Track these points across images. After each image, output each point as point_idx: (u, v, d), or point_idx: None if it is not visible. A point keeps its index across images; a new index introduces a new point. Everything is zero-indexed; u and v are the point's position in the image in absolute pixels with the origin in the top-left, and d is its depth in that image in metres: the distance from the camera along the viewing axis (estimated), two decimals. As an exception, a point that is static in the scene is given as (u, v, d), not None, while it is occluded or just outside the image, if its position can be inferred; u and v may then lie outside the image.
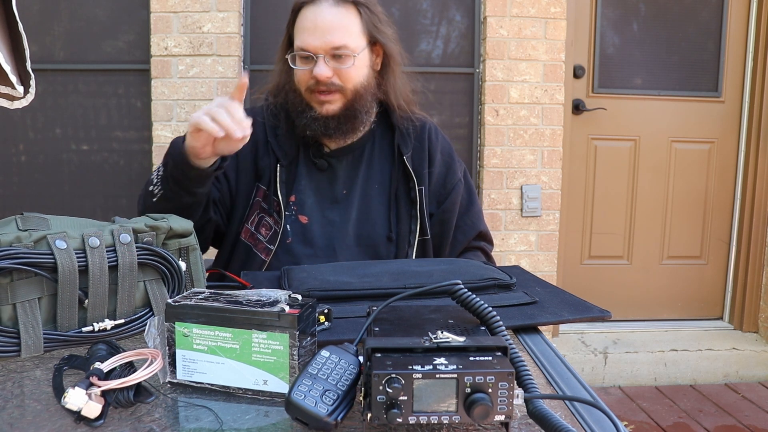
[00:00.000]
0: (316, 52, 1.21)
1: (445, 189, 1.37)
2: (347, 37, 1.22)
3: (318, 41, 1.20)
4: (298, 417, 0.56)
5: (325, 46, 1.20)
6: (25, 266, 0.73)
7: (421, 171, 1.33)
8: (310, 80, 1.23)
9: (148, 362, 0.64)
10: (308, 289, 0.94)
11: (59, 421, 0.59)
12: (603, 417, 0.60)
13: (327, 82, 1.22)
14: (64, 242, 0.76)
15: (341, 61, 1.22)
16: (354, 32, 1.23)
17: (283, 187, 1.28)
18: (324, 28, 1.20)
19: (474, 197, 1.43)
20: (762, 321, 3.00)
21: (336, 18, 1.21)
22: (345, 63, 1.22)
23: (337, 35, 1.20)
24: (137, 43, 2.65)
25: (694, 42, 2.96)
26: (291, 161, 1.30)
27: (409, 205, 1.32)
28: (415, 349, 0.57)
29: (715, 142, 3.04)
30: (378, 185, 1.33)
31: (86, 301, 0.78)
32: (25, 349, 0.74)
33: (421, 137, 1.36)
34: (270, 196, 1.28)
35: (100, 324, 0.79)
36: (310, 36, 1.21)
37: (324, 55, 1.21)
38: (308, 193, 1.30)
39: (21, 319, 0.74)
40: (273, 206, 1.28)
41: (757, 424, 2.40)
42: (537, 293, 1.00)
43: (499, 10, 2.66)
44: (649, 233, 3.07)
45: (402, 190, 1.33)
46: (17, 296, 0.74)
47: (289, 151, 1.30)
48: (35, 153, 2.68)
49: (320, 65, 1.21)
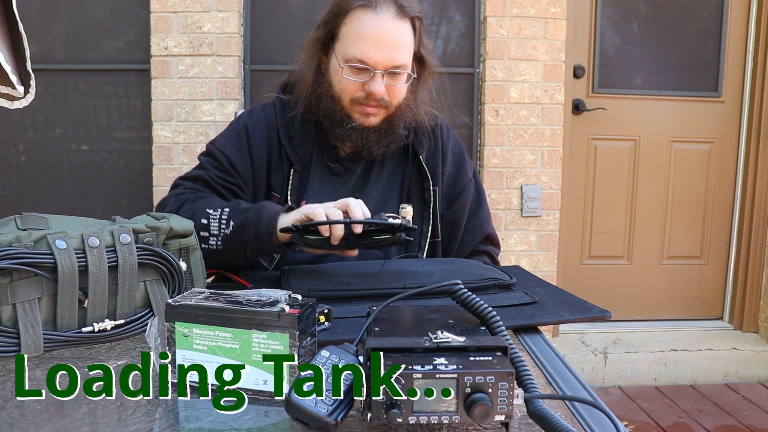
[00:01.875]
0: (376, 67, 1.15)
1: (455, 189, 1.34)
2: (407, 56, 1.18)
3: (381, 56, 1.14)
4: (298, 417, 0.56)
5: (386, 63, 1.15)
6: (25, 266, 0.73)
7: (436, 171, 1.30)
8: (360, 92, 1.17)
9: None
10: (308, 289, 0.94)
11: (59, 421, 0.59)
12: (603, 417, 0.60)
13: (379, 99, 1.17)
14: (64, 242, 0.76)
15: (396, 79, 1.17)
16: (410, 49, 1.19)
17: (294, 193, 1.23)
18: (389, 44, 1.14)
19: (483, 198, 1.39)
20: (762, 321, 3.00)
21: (399, 33, 1.15)
22: (399, 81, 1.18)
23: (401, 53, 1.15)
24: (137, 43, 2.65)
25: (694, 42, 2.96)
26: (304, 166, 1.25)
27: (422, 206, 1.29)
28: (415, 349, 0.57)
29: (715, 142, 3.04)
30: (390, 186, 1.30)
31: (86, 301, 0.78)
32: (24, 349, 0.74)
33: (435, 135, 1.33)
34: (281, 202, 1.23)
35: (100, 324, 0.79)
36: (372, 48, 1.14)
37: (383, 71, 1.15)
38: (320, 198, 1.23)
39: (21, 319, 0.74)
40: None
41: (757, 424, 2.40)
42: (537, 293, 1.00)
43: (499, 10, 2.66)
44: (649, 233, 3.07)
45: (415, 191, 1.30)
46: (17, 296, 0.74)
47: (304, 155, 1.24)
48: (35, 153, 2.68)
49: (377, 81, 1.15)
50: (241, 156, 1.24)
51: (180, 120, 2.58)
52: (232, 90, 2.58)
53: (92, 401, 0.64)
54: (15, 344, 0.74)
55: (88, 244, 0.78)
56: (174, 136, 2.57)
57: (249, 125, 1.27)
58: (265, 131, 1.26)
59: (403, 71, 1.18)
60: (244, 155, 1.25)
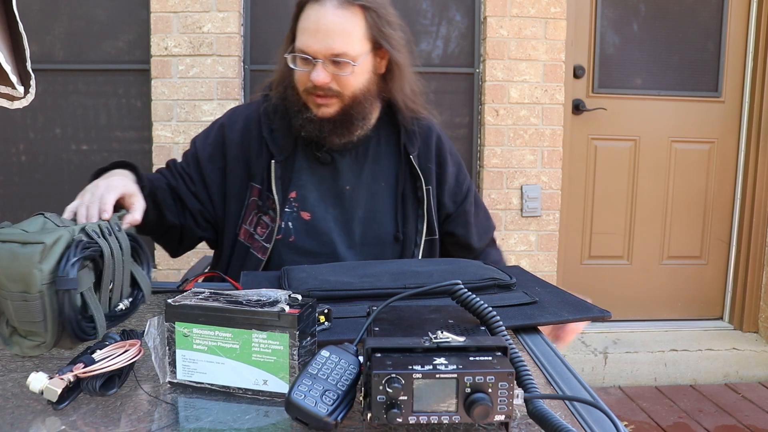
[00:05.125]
0: (315, 56, 1.17)
1: (461, 189, 1.38)
2: (348, 44, 1.18)
3: (318, 45, 1.16)
4: (298, 417, 0.56)
5: (325, 51, 1.16)
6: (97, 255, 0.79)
7: (428, 169, 1.32)
8: (308, 83, 1.20)
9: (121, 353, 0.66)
10: (308, 289, 0.94)
11: (59, 421, 0.59)
12: (603, 417, 0.60)
13: (324, 87, 1.19)
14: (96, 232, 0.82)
15: (340, 68, 1.19)
16: (356, 38, 1.19)
17: (279, 183, 1.25)
18: (326, 32, 1.16)
19: (479, 197, 1.46)
20: (762, 321, 3.00)
21: (339, 22, 1.16)
22: (344, 70, 1.19)
23: (338, 41, 1.16)
24: (137, 43, 2.65)
25: (694, 42, 2.96)
26: (288, 156, 1.28)
27: (416, 204, 1.32)
28: (415, 349, 0.57)
29: (715, 142, 3.04)
30: (384, 183, 1.32)
31: (111, 284, 0.83)
32: (101, 331, 0.78)
33: (427, 137, 1.35)
34: (264, 192, 1.26)
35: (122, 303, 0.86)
36: (310, 38, 1.17)
37: (323, 60, 1.17)
38: (309, 187, 1.28)
39: (91, 304, 0.78)
40: (268, 203, 1.26)
41: (757, 424, 2.40)
42: (537, 293, 1.00)
43: (499, 10, 2.66)
44: (649, 233, 3.07)
45: (409, 189, 1.32)
46: (83, 285, 0.77)
47: (285, 147, 1.27)
48: (35, 153, 2.68)
49: (318, 70, 1.17)
50: (210, 153, 1.31)
51: (180, 120, 2.58)
52: (232, 90, 2.58)
53: (93, 401, 0.64)
54: (93, 328, 0.78)
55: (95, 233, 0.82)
56: (174, 136, 2.57)
57: (225, 124, 1.33)
58: (243, 126, 1.31)
59: (346, 60, 1.18)
60: (214, 152, 1.30)
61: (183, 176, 1.31)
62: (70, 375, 0.62)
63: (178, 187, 1.29)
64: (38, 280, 0.72)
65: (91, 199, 0.98)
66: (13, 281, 0.72)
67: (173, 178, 1.31)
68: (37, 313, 0.72)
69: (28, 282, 0.71)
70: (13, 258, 0.72)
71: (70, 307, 0.74)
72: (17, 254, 0.72)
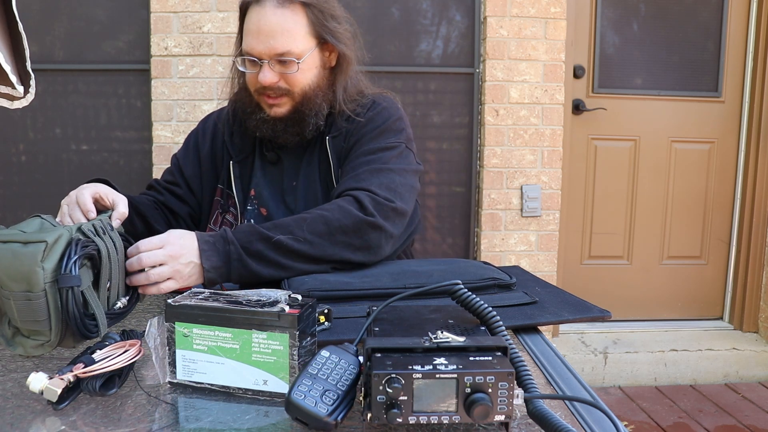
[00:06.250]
0: (261, 57, 1.18)
1: (350, 144, 1.27)
2: (291, 42, 1.18)
3: (261, 46, 1.17)
4: (298, 417, 0.56)
5: (269, 52, 1.17)
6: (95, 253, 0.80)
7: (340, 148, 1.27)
8: (258, 84, 1.21)
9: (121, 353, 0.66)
10: (308, 289, 0.94)
11: (59, 421, 0.59)
12: (603, 417, 0.60)
13: (273, 87, 1.20)
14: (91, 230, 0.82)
15: (286, 67, 1.19)
16: (299, 35, 1.19)
17: (238, 182, 1.30)
18: (267, 33, 1.17)
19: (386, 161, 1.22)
20: (762, 321, 3.00)
21: (279, 21, 1.17)
22: (290, 68, 1.19)
23: (281, 41, 1.17)
24: (137, 43, 2.64)
25: (694, 42, 2.96)
26: (246, 156, 1.32)
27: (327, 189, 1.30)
28: (415, 349, 0.57)
29: (715, 142, 3.04)
30: (319, 173, 1.31)
31: (109, 283, 0.83)
32: (102, 329, 0.78)
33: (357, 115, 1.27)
34: (225, 191, 1.31)
35: (120, 302, 0.86)
36: (254, 40, 1.18)
37: (269, 61, 1.18)
38: (263, 185, 1.32)
39: (92, 302, 0.78)
40: (229, 202, 1.30)
41: (757, 424, 2.40)
42: (537, 293, 1.00)
43: (499, 10, 2.66)
44: (649, 233, 3.07)
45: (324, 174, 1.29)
46: (83, 283, 0.77)
47: (243, 148, 1.32)
48: (35, 153, 2.68)
49: (265, 71, 1.18)
50: (189, 159, 1.37)
51: (180, 120, 2.58)
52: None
53: (93, 401, 0.64)
54: (95, 326, 0.78)
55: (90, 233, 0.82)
56: (174, 136, 2.57)
57: (199, 130, 1.40)
58: (212, 132, 1.37)
59: (290, 58, 1.19)
60: (192, 158, 1.37)
61: (168, 188, 1.35)
62: (70, 375, 0.62)
63: (167, 201, 1.34)
64: (41, 278, 0.72)
65: (70, 207, 1.00)
66: (15, 281, 0.72)
67: (160, 194, 1.34)
68: (40, 312, 0.73)
69: (31, 281, 0.72)
70: (15, 258, 0.72)
71: (74, 304, 0.74)
72: (19, 254, 0.72)
